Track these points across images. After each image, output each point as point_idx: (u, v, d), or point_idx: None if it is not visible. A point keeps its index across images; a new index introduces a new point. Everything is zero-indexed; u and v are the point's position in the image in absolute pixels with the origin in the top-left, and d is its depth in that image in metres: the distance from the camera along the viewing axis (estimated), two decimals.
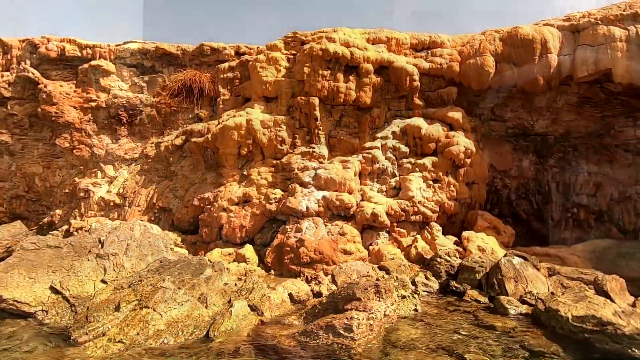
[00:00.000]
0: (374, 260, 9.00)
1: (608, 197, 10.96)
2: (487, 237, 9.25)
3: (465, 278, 7.51)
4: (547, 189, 11.42)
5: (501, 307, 5.99)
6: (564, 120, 10.99)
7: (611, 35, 9.14)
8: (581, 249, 8.52)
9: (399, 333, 4.60)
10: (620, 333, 4.16)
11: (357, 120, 11.28)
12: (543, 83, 9.76)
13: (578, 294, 5.47)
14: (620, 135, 10.74)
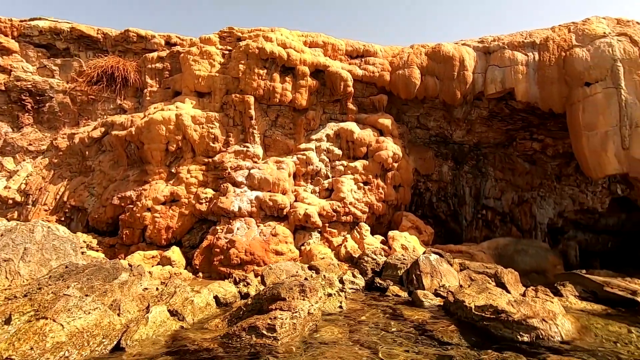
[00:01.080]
0: (305, 260, 9.14)
1: (510, 201, 12.54)
2: (410, 236, 9.97)
3: (389, 275, 8.01)
4: (462, 192, 12.69)
5: (418, 300, 6.50)
6: (477, 132, 12.32)
7: (515, 59, 10.48)
8: (487, 246, 9.63)
9: (322, 330, 4.74)
10: (511, 320, 4.79)
11: (293, 122, 11.37)
12: (460, 97, 10.83)
13: (481, 286, 6.16)
14: (520, 146, 12.36)
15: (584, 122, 9.16)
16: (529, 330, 4.67)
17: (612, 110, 8.69)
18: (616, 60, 8.97)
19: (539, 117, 11.19)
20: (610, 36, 9.42)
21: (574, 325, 5.42)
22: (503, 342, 4.65)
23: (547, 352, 4.31)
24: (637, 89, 8.60)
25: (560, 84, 9.74)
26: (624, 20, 9.96)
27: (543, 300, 5.87)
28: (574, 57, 9.54)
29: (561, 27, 10.65)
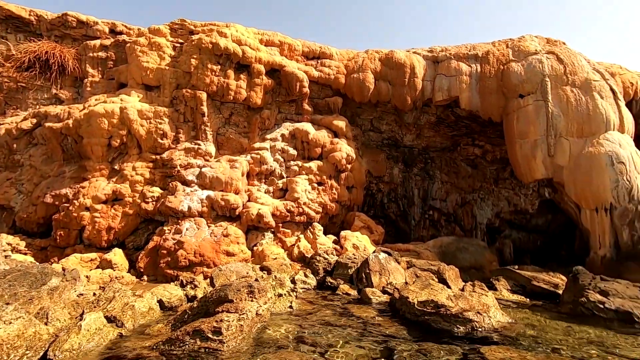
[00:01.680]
0: (257, 261, 9.03)
1: (454, 202, 13.37)
2: (362, 236, 10.25)
3: (340, 274, 8.17)
4: (412, 194, 13.30)
5: (366, 298, 6.71)
6: (426, 136, 12.98)
7: (460, 69, 11.20)
8: (432, 244, 10.19)
9: (271, 331, 4.73)
10: (449, 313, 5.13)
11: (247, 120, 11.18)
12: (410, 103, 11.35)
13: (424, 282, 6.51)
14: (463, 151, 13.23)
15: (517, 131, 10.03)
16: (465, 322, 5.02)
17: (541, 121, 9.63)
18: (545, 76, 9.94)
19: (480, 124, 12.06)
20: (540, 53, 10.42)
21: (504, 317, 5.92)
22: (442, 335, 4.96)
23: (481, 341, 4.66)
24: (561, 103, 9.60)
25: (498, 95, 10.59)
26: (552, 40, 11.07)
27: (479, 294, 6.34)
28: (511, 70, 10.42)
29: (500, 42, 11.58)
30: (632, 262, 8.09)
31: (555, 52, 10.34)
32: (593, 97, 9.42)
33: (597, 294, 6.51)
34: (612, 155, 8.65)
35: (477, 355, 4.09)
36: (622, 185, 8.41)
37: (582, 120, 9.33)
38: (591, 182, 8.74)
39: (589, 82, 9.64)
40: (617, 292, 6.52)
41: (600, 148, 8.82)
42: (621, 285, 6.62)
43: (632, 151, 8.90)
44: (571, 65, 9.96)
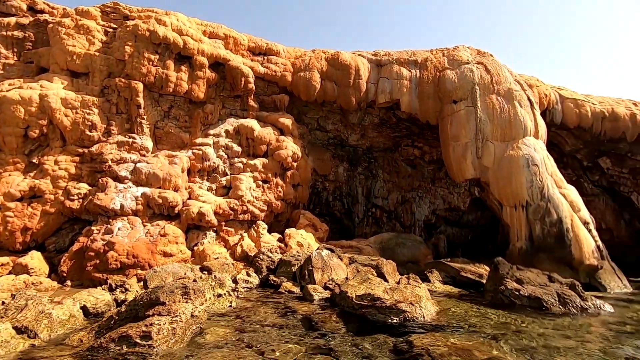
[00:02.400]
0: (197, 261, 8.69)
1: (395, 200, 14.04)
2: (306, 234, 10.34)
3: (283, 271, 8.17)
4: (356, 192, 13.71)
5: (308, 294, 6.79)
6: (369, 136, 13.46)
7: (401, 73, 11.77)
8: (373, 240, 10.62)
9: (207, 333, 4.59)
10: (384, 305, 5.39)
11: (189, 114, 10.69)
12: (355, 103, 11.68)
13: (364, 277, 6.75)
14: (404, 152, 13.94)
15: (451, 134, 10.81)
16: (398, 313, 5.31)
17: (471, 125, 10.49)
18: (475, 84, 10.83)
19: (419, 127, 12.79)
20: (472, 63, 11.33)
21: (435, 306, 6.36)
22: (378, 326, 5.19)
23: (412, 330, 4.96)
24: (488, 110, 10.54)
25: (435, 100, 11.31)
26: (482, 52, 12.09)
27: (413, 286, 6.73)
28: (446, 77, 11.19)
29: (437, 51, 12.37)
30: (542, 253, 9.16)
31: (484, 62, 11.32)
32: (514, 105, 10.48)
33: (513, 282, 7.26)
34: (528, 158, 9.70)
35: (407, 343, 4.34)
36: (536, 185, 9.48)
37: (504, 126, 10.34)
38: (511, 181, 9.73)
39: (511, 91, 10.71)
40: (530, 280, 7.34)
41: (518, 151, 9.84)
42: (533, 274, 7.46)
43: (544, 155, 10.06)
44: (497, 76, 10.98)
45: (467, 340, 4.57)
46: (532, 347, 4.46)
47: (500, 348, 4.35)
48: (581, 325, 5.61)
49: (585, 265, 8.81)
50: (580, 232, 9.10)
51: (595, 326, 5.64)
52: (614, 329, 5.53)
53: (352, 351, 4.14)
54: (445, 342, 4.40)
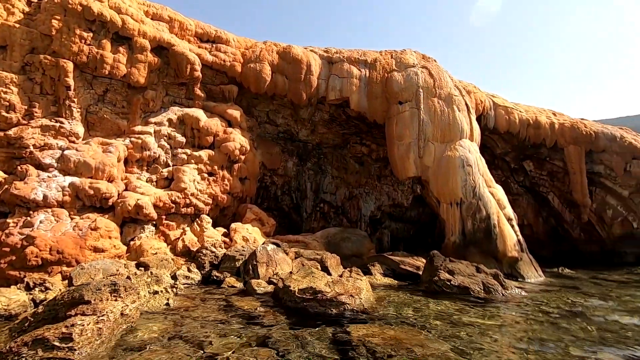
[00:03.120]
0: (134, 256, 8.18)
1: (343, 196, 14.37)
2: (253, 228, 10.20)
3: (227, 267, 8.00)
4: (305, 187, 13.79)
5: (251, 289, 6.72)
6: (320, 132, 13.59)
7: (351, 72, 12.01)
8: (320, 235, 10.78)
9: (138, 332, 4.35)
10: (325, 298, 5.52)
11: (127, 100, 9.95)
12: (306, 99, 11.70)
13: (307, 271, 6.84)
14: (352, 149, 14.29)
15: (396, 134, 11.30)
16: (338, 305, 5.46)
17: (414, 126, 11.05)
18: (419, 87, 11.41)
19: (368, 125, 13.18)
20: (417, 67, 11.91)
21: (374, 298, 6.65)
22: (318, 319, 5.29)
23: (351, 321, 5.13)
24: (430, 112, 11.18)
25: (382, 100, 11.73)
26: (427, 57, 12.75)
27: (355, 279, 6.96)
28: (393, 79, 11.64)
29: (387, 52, 12.82)
30: (472, 246, 9.97)
31: (428, 67, 11.96)
32: (453, 109, 11.22)
33: (446, 273, 7.82)
34: (464, 159, 10.48)
35: (344, 334, 4.49)
36: (469, 184, 10.28)
37: (444, 128, 11.04)
38: (448, 180, 10.44)
39: (451, 96, 11.45)
40: (460, 271, 7.95)
41: (455, 152, 10.58)
42: (463, 265, 8.10)
43: (477, 156, 10.92)
44: (439, 80, 11.66)
45: (399, 328, 4.85)
46: (457, 332, 4.84)
47: (429, 335, 4.67)
48: (501, 310, 6.21)
49: (508, 257, 9.75)
50: (505, 228, 10.05)
51: (513, 310, 6.28)
52: (529, 312, 6.21)
53: (292, 342, 4.19)
54: (380, 331, 4.63)
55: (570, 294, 7.87)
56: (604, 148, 15.11)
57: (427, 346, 4.20)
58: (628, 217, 15.27)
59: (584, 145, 15.17)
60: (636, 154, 14.98)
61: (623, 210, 15.31)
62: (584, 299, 7.37)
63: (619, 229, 15.40)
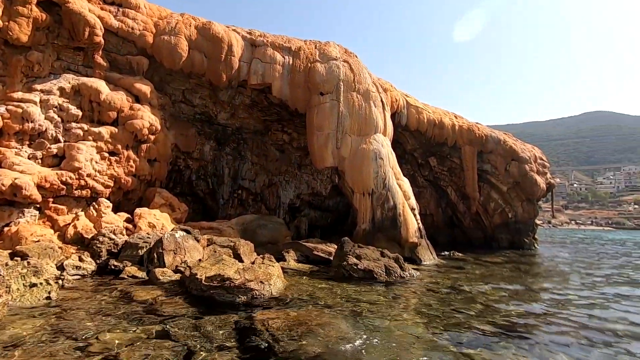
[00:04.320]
0: (8, 244, 7.01)
1: (262, 183, 14.23)
2: (161, 214, 9.52)
3: (128, 255, 7.36)
4: (222, 172, 13.30)
5: (154, 279, 6.30)
6: (240, 117, 13.16)
7: (275, 58, 11.82)
8: (235, 222, 10.56)
9: (10, 330, 3.77)
10: (233, 285, 5.45)
11: (5, 60, 8.34)
12: (226, 80, 11.19)
13: (218, 258, 6.66)
14: (273, 136, 14.20)
15: (316, 124, 11.53)
16: (246, 292, 5.45)
17: (333, 118, 11.40)
18: (340, 80, 11.78)
19: (290, 113, 13.18)
20: (339, 60, 12.25)
21: (284, 283, 6.78)
22: (225, 306, 5.21)
23: (258, 307, 5.16)
24: (349, 105, 11.65)
25: (304, 89, 11.82)
26: (349, 51, 13.19)
27: (267, 265, 7.00)
28: (316, 69, 11.79)
29: (311, 42, 12.90)
30: (380, 233, 10.80)
31: (349, 61, 12.39)
32: (370, 104, 11.86)
33: (354, 258, 8.33)
34: (377, 152, 11.20)
35: (248, 320, 4.51)
36: (380, 176, 11.05)
37: (361, 122, 11.62)
38: (362, 172, 11.07)
39: (369, 92, 12.07)
40: (367, 256, 8.55)
41: (370, 145, 11.25)
42: (369, 250, 8.71)
43: (389, 151, 11.77)
44: (359, 75, 12.18)
45: (304, 311, 5.05)
46: (359, 311, 5.22)
47: (331, 314, 4.96)
48: (397, 289, 6.88)
49: (409, 243, 10.79)
50: (408, 216, 11.08)
51: (407, 288, 6.99)
52: (420, 289, 6.99)
53: (192, 331, 4.06)
54: (285, 314, 4.76)
55: (455, 273, 9.08)
56: (491, 149, 17.54)
57: (328, 324, 4.46)
58: (505, 209, 18.08)
59: (476, 146, 17.41)
60: (514, 156, 17.72)
61: (502, 203, 18.07)
62: (465, 276, 8.57)
63: (498, 218, 18.16)
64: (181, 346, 3.65)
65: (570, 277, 9.37)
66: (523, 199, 18.03)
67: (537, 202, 19.11)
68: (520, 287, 7.80)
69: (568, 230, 53.73)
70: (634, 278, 9.50)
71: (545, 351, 3.94)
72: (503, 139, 17.91)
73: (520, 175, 17.59)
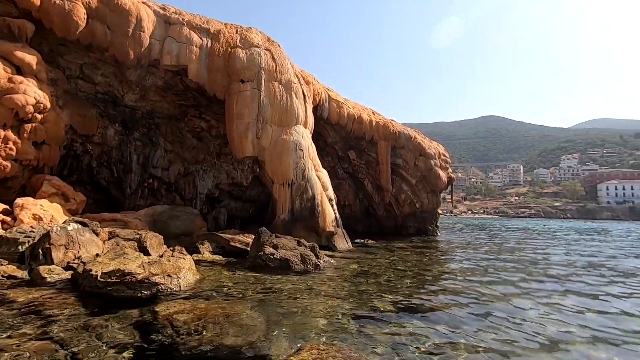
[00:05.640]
0: None
1: (177, 172, 13.36)
2: (51, 205, 8.33)
3: (5, 252, 6.34)
4: (129, 159, 12.12)
5: (38, 277, 5.53)
6: (151, 100, 12.10)
7: (192, 39, 11.09)
8: (144, 213, 9.75)
9: None
10: (135, 280, 5.06)
11: None
12: (134, 58, 10.15)
13: (118, 252, 6.10)
14: (190, 123, 13.39)
15: (236, 112, 11.19)
16: (151, 287, 5.10)
17: (254, 106, 11.19)
18: (262, 68, 11.57)
19: (208, 99, 12.53)
20: (261, 48, 12.01)
21: (196, 276, 6.53)
22: (125, 303, 4.82)
23: (164, 302, 4.89)
24: (270, 95, 11.54)
25: (224, 75, 11.34)
26: (271, 40, 13.00)
27: (177, 258, 6.64)
28: (236, 55, 11.39)
29: (232, 26, 12.39)
30: (299, 223, 11.02)
31: (272, 51, 12.24)
32: (291, 95, 11.91)
33: (270, 247, 8.38)
34: (297, 143, 11.34)
35: (151, 314, 4.26)
36: (300, 167, 11.23)
37: (282, 113, 11.62)
38: (282, 162, 11.11)
39: (290, 83, 12.10)
40: (284, 245, 8.67)
41: (290, 137, 11.33)
42: (287, 240, 8.85)
43: (309, 142, 12.01)
44: (281, 66, 12.12)
45: (214, 302, 4.94)
46: (271, 299, 5.29)
47: (245, 305, 4.94)
48: (310, 276, 7.14)
49: (326, 232, 11.23)
50: (326, 207, 11.50)
51: (321, 275, 7.30)
52: (332, 275, 7.35)
53: (82, 332, 3.68)
54: (192, 307, 4.59)
55: (366, 259, 9.75)
56: (403, 145, 19.09)
57: (238, 314, 4.44)
58: (414, 200, 19.91)
59: (391, 141, 18.76)
60: (422, 152, 19.56)
61: (411, 195, 19.86)
62: (375, 261, 9.26)
63: (407, 208, 19.93)
64: (68, 348, 3.30)
65: (460, 255, 10.78)
66: (428, 191, 20.05)
67: (440, 193, 21.45)
68: (422, 269, 8.71)
69: (466, 219, 61.52)
70: (505, 256, 11.32)
71: (437, 321, 4.49)
72: (413, 135, 19.60)
73: (427, 169, 19.51)
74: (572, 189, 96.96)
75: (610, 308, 5.57)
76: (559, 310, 5.30)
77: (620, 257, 12.09)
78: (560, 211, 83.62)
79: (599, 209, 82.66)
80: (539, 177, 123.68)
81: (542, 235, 23.19)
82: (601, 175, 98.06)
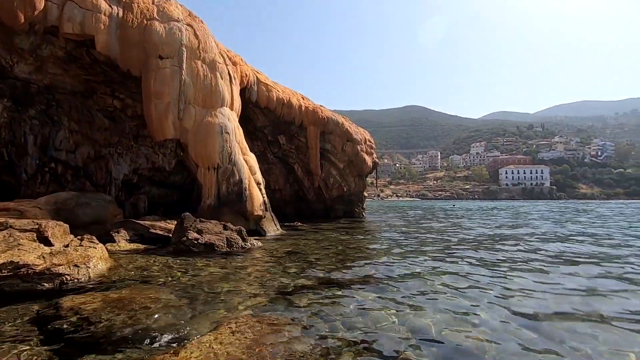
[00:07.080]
0: None
1: (85, 155, 12.02)
2: None
3: None
4: (24, 141, 10.55)
5: None
6: (50, 72, 10.60)
7: (99, 6, 9.90)
8: (44, 201, 8.65)
9: None
10: (33, 272, 4.57)
11: None
12: (25, 22, 8.75)
13: (12, 243, 5.41)
14: (101, 101, 12.07)
15: (154, 90, 10.39)
16: (53, 278, 4.67)
17: (175, 85, 10.51)
18: (183, 45, 10.86)
19: (122, 75, 11.38)
20: (182, 23, 11.23)
21: (109, 265, 6.11)
22: (21, 297, 4.35)
23: (70, 293, 4.51)
24: (193, 74, 10.92)
25: (139, 49, 10.40)
26: (193, 14, 12.21)
27: (86, 247, 6.13)
28: (153, 29, 10.50)
29: None
30: (226, 207, 10.81)
31: (194, 26, 11.52)
32: (216, 76, 11.42)
33: (194, 232, 8.15)
34: (223, 126, 10.98)
35: (54, 308, 3.92)
36: (226, 150, 10.93)
37: (206, 93, 11.10)
38: (207, 145, 10.70)
39: (215, 63, 11.58)
40: (209, 230, 8.49)
41: (215, 119, 10.92)
42: (212, 224, 8.67)
43: (235, 125, 11.72)
44: (204, 44, 11.50)
45: (129, 290, 4.70)
46: (191, 283, 5.20)
47: (162, 290, 4.79)
48: (237, 259, 7.14)
49: (254, 216, 11.21)
50: (254, 191, 11.44)
51: (247, 257, 7.34)
52: (258, 257, 7.44)
53: None
54: (103, 297, 4.32)
55: (293, 240, 10.02)
56: (331, 130, 19.65)
57: (155, 300, 4.30)
58: (342, 184, 20.77)
59: (320, 126, 19.17)
60: (349, 137, 20.38)
61: (339, 179, 20.66)
62: (302, 242, 9.58)
63: (336, 192, 20.72)
64: None
65: (380, 234, 11.68)
66: (355, 175, 21.06)
67: (366, 177, 22.68)
68: (346, 247, 9.24)
69: (391, 201, 66.04)
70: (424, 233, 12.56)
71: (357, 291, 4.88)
72: (341, 121, 20.28)
73: (354, 154, 20.42)
74: (479, 173, 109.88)
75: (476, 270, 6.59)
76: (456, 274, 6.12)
77: (499, 230, 14.23)
78: (470, 193, 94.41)
79: (500, 190, 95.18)
80: (453, 162, 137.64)
81: (449, 214, 26.09)
82: (502, 160, 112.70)
